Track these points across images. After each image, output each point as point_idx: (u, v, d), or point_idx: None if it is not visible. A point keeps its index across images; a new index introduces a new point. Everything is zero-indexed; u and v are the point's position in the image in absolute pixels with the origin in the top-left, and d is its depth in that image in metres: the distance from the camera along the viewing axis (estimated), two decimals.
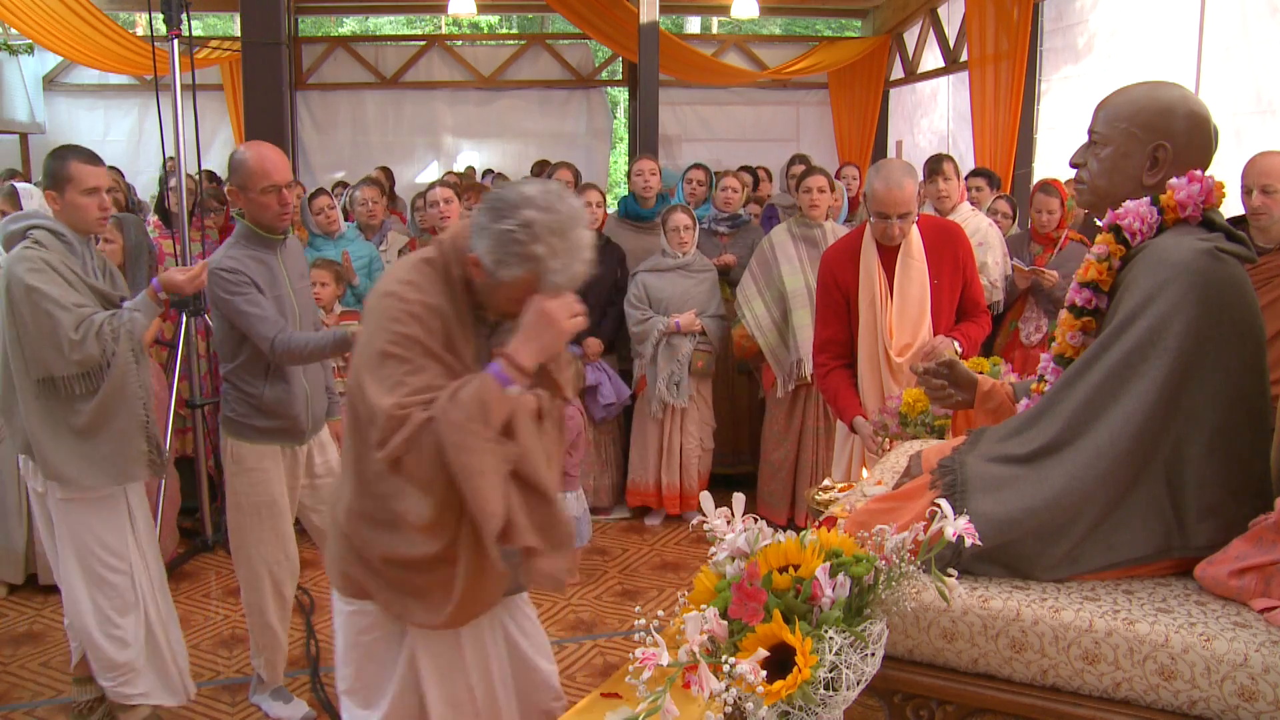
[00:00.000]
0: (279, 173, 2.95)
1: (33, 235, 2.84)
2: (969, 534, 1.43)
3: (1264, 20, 4.83)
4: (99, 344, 2.78)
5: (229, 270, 2.93)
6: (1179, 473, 1.57)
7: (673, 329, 4.88)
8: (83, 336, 2.76)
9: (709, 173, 5.73)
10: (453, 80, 9.72)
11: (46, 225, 2.87)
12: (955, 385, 2.19)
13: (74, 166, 2.85)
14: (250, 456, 3.09)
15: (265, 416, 3.06)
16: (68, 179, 2.85)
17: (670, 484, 5.09)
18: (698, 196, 5.58)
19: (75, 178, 2.85)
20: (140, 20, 10.77)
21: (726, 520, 1.50)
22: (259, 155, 2.95)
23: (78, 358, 2.76)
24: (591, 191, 5.09)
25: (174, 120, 4.50)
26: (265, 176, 2.93)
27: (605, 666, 3.66)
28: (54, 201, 2.88)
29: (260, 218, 3.00)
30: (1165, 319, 1.54)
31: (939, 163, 4.88)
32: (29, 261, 2.77)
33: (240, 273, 2.93)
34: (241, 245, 3.01)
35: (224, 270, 2.93)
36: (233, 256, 2.97)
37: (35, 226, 2.86)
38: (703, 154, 8.91)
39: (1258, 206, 3.15)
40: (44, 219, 2.89)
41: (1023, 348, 4.63)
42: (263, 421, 3.07)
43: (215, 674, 3.59)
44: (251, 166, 2.93)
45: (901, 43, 9.14)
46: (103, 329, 2.79)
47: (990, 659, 1.53)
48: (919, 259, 3.46)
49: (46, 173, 2.88)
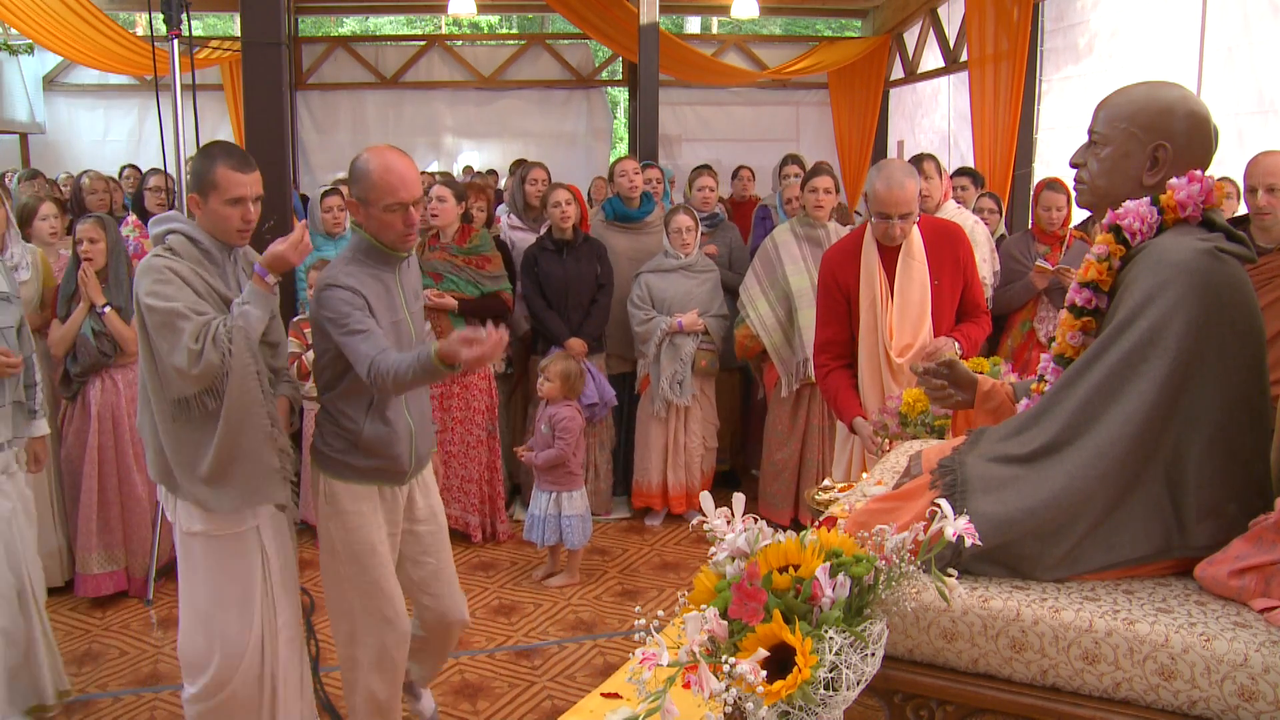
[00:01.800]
0: (406, 189, 2.59)
1: (167, 242, 2.61)
2: (969, 534, 1.43)
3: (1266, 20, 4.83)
4: (217, 350, 2.50)
5: (348, 290, 2.58)
6: (1179, 473, 1.57)
7: (675, 329, 4.89)
8: (201, 345, 2.49)
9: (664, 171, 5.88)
10: (453, 80, 9.73)
11: (185, 230, 2.63)
12: (955, 385, 2.19)
13: (221, 172, 2.58)
14: (345, 496, 2.72)
15: (364, 455, 2.71)
16: (212, 185, 2.59)
17: (676, 483, 5.09)
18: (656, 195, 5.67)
19: (220, 185, 2.58)
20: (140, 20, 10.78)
21: (726, 520, 1.50)
22: (384, 168, 2.59)
23: (197, 371, 2.48)
24: (559, 191, 5.08)
25: (174, 120, 4.50)
26: (391, 193, 2.58)
27: (605, 666, 3.66)
28: (197, 207, 2.63)
29: (383, 235, 2.65)
30: (1165, 319, 1.54)
31: (919, 161, 4.88)
32: (155, 272, 2.54)
33: (359, 294, 2.58)
34: (360, 261, 2.66)
35: (341, 288, 2.57)
36: (351, 274, 2.61)
37: (173, 231, 2.63)
38: (703, 154, 8.92)
39: (1262, 205, 3.15)
40: (184, 223, 2.66)
41: (1040, 347, 4.61)
42: (361, 460, 2.71)
43: None
44: (375, 180, 2.58)
45: (901, 43, 9.14)
46: (218, 332, 2.51)
47: (990, 659, 1.52)
48: (920, 259, 3.46)
49: (192, 174, 2.66)
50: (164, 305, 2.50)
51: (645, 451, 5.12)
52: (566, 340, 4.88)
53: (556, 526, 4.37)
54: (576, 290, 4.99)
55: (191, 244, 2.61)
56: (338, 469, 2.72)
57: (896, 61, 9.27)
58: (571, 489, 4.41)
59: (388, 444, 2.72)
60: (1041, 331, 4.67)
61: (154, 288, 2.51)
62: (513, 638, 3.91)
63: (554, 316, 4.97)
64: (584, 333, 4.95)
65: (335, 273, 2.62)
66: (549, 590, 4.36)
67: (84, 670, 3.63)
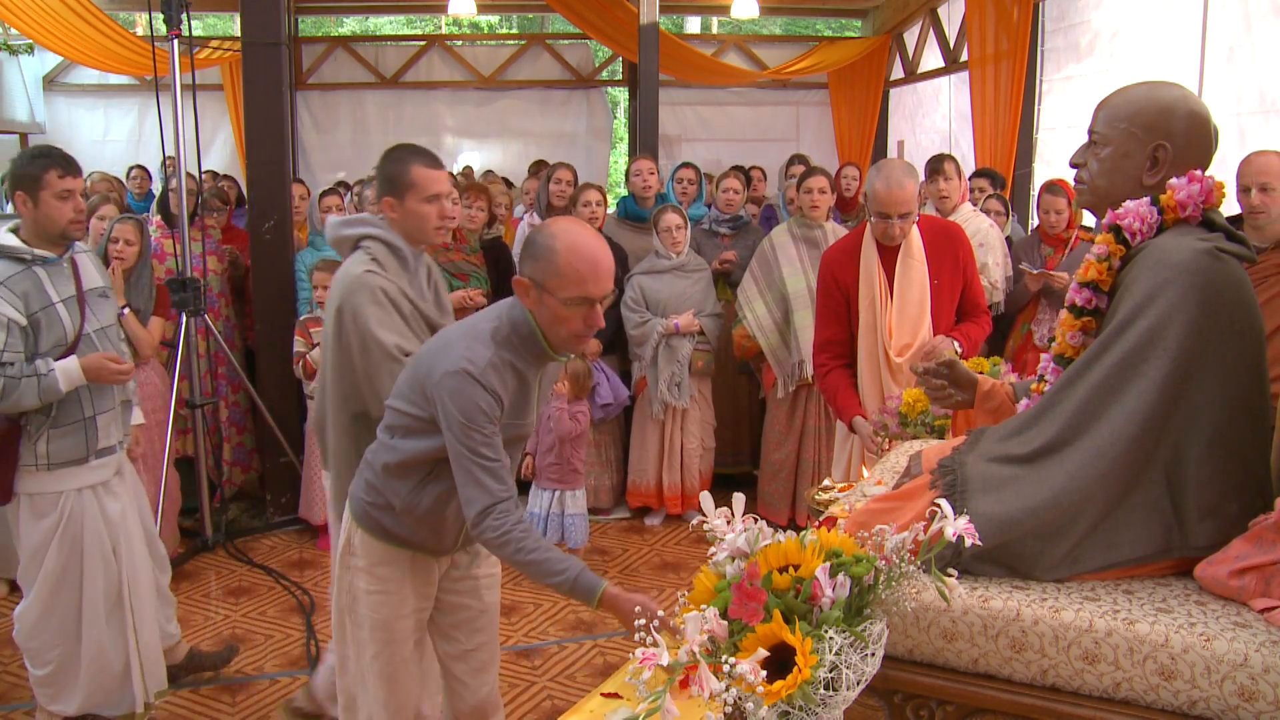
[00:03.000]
0: (597, 284, 2.09)
1: (368, 249, 2.57)
2: (969, 534, 1.43)
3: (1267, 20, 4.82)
4: None
5: (491, 393, 2.09)
6: (1179, 473, 1.57)
7: (672, 330, 4.88)
8: None
9: (699, 171, 5.75)
10: (453, 80, 9.72)
11: (382, 236, 2.59)
12: (955, 385, 2.19)
13: (416, 171, 2.57)
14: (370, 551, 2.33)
15: (400, 524, 2.30)
16: (409, 184, 2.56)
17: (672, 484, 5.09)
18: (689, 196, 5.59)
19: (418, 183, 2.57)
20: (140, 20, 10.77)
21: (726, 520, 1.50)
22: (575, 256, 2.07)
23: None
24: (590, 191, 5.09)
25: (174, 120, 4.50)
26: (580, 285, 2.08)
27: (605, 666, 3.66)
28: (392, 210, 2.59)
29: (553, 331, 2.14)
30: (1165, 319, 1.54)
31: (940, 162, 4.88)
32: (370, 292, 2.49)
33: (500, 400, 2.10)
34: (508, 349, 2.14)
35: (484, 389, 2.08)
36: (494, 364, 2.10)
37: (369, 237, 2.59)
38: (703, 154, 8.90)
39: (1256, 205, 3.15)
40: (378, 228, 2.61)
41: (1036, 349, 4.62)
42: (395, 525, 2.31)
43: (215, 674, 3.59)
44: (562, 267, 2.07)
45: (901, 43, 9.13)
46: None
47: (990, 659, 1.52)
48: (919, 259, 3.46)
49: (384, 177, 2.60)
50: (382, 338, 2.48)
51: (642, 452, 5.11)
52: None
53: (559, 525, 4.37)
54: None
55: (390, 252, 2.59)
56: (368, 523, 2.32)
57: (896, 61, 9.26)
58: (574, 488, 4.41)
59: (433, 528, 2.32)
60: (1037, 334, 4.68)
61: (377, 313, 2.50)
62: (513, 638, 3.91)
63: None
64: (600, 335, 4.95)
65: (478, 358, 2.08)
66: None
67: None
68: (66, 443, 2.92)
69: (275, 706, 3.40)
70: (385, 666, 2.35)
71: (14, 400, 2.77)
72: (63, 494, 2.95)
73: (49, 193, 2.83)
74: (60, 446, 2.91)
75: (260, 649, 3.82)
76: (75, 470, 2.95)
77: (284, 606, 4.18)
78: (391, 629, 2.34)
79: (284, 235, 5.01)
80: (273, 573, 4.50)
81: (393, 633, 2.35)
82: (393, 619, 2.34)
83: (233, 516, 5.15)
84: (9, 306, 2.76)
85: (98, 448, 2.99)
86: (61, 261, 2.94)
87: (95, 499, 3.01)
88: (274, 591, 4.33)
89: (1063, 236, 4.71)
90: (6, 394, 2.75)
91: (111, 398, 3.03)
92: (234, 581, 4.44)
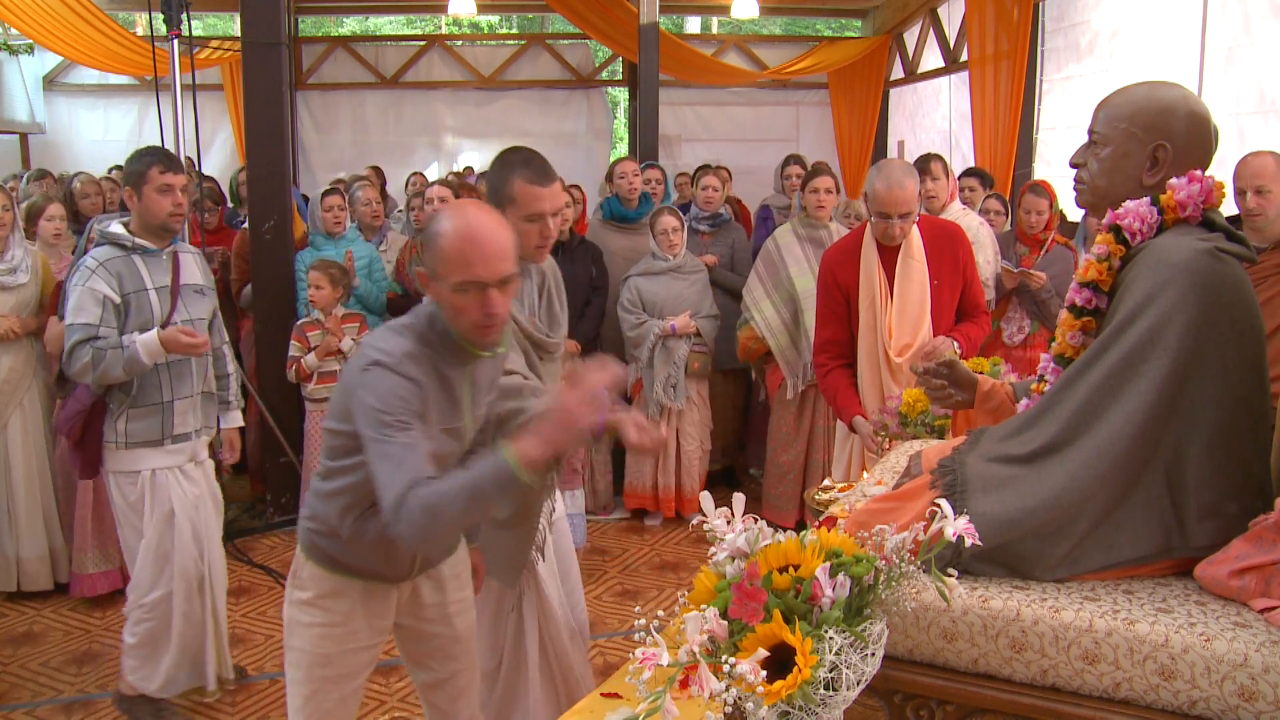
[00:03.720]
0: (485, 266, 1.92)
1: None
2: (969, 534, 1.43)
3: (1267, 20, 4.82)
4: None
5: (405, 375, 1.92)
6: (1179, 473, 1.57)
7: (668, 332, 4.88)
8: None
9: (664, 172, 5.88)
10: (453, 80, 9.72)
11: None
12: (955, 385, 2.19)
13: (518, 187, 2.42)
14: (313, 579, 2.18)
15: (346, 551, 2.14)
16: (510, 199, 2.43)
17: (666, 486, 5.09)
18: (657, 196, 5.70)
19: (518, 200, 2.43)
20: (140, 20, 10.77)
21: (726, 520, 1.49)
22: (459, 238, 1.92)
23: None
24: None
25: (174, 120, 4.50)
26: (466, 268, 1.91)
27: (605, 666, 3.66)
28: None
29: (456, 323, 1.98)
30: (1165, 319, 1.54)
31: (926, 162, 4.87)
32: None
33: (418, 381, 1.93)
34: (425, 345, 1.99)
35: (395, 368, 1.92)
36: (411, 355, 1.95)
37: None
38: (703, 154, 8.91)
39: (1252, 207, 3.15)
40: None
41: (1004, 348, 4.64)
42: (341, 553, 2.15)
43: None
44: (447, 250, 1.92)
45: (901, 43, 9.13)
46: None
47: (990, 659, 1.52)
48: (919, 259, 3.46)
49: (489, 184, 2.51)
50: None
51: (638, 455, 5.10)
52: None
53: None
54: (570, 290, 4.97)
55: None
56: (316, 554, 2.16)
57: (896, 61, 9.26)
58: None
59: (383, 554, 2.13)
60: (1006, 332, 4.68)
61: None
62: None
63: None
64: (578, 334, 4.95)
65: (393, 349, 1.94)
66: None
67: (84, 670, 3.63)
68: (144, 424, 3.12)
69: (275, 706, 3.40)
70: (316, 711, 2.15)
71: (102, 371, 2.98)
72: (140, 472, 3.13)
73: (151, 187, 3.06)
74: (138, 427, 3.11)
75: (260, 649, 3.82)
76: (151, 451, 3.14)
77: None
78: (334, 664, 2.15)
79: (284, 235, 5.01)
80: (273, 573, 4.50)
81: (335, 668, 2.15)
82: (339, 654, 2.15)
83: (233, 516, 5.15)
84: (105, 285, 3.01)
85: (173, 433, 3.17)
86: (162, 254, 3.16)
87: (174, 480, 3.18)
88: (274, 591, 4.33)
89: (1039, 237, 4.71)
90: (96, 365, 2.96)
91: (190, 385, 3.20)
92: (234, 581, 4.42)
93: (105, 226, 3.12)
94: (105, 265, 3.03)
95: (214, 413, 3.39)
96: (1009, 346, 4.64)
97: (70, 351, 2.98)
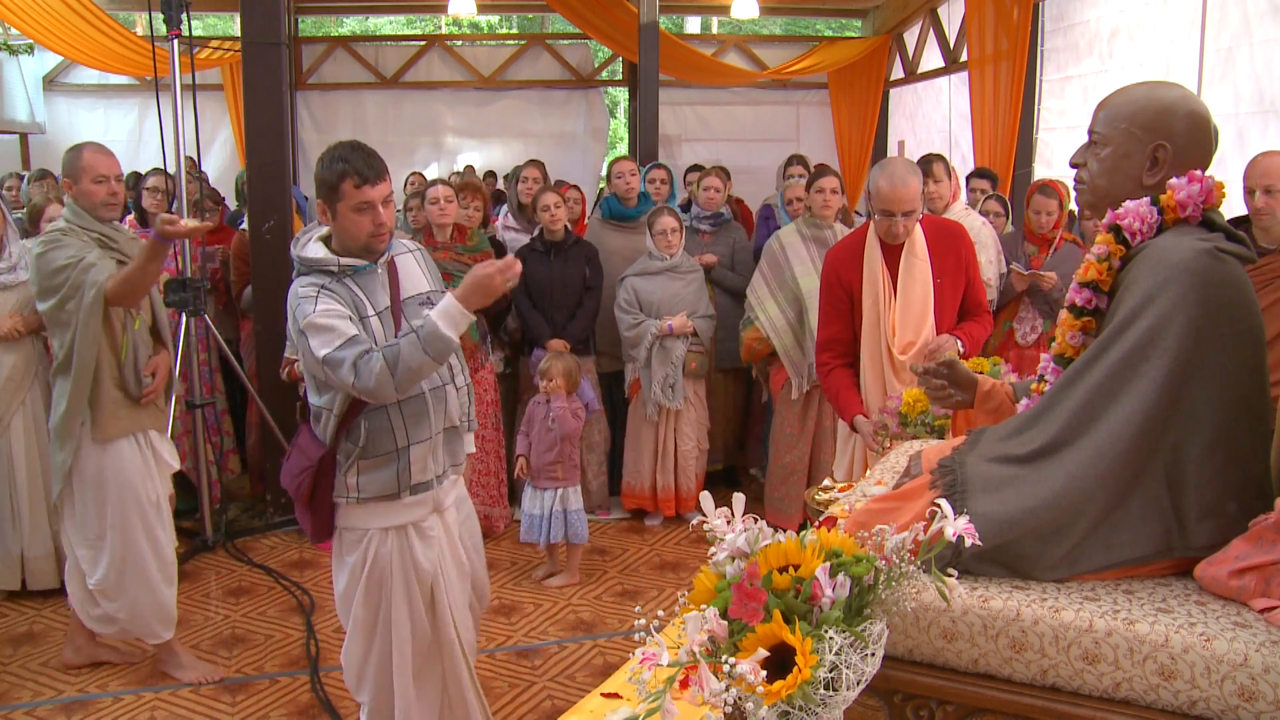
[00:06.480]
0: None
1: None
2: (969, 534, 1.42)
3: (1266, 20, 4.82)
4: None
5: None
6: (1179, 473, 1.56)
7: (665, 332, 4.88)
8: None
9: (670, 172, 5.86)
10: (453, 80, 9.72)
11: None
12: (955, 385, 2.18)
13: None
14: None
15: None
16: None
17: (665, 486, 5.09)
18: (661, 196, 5.69)
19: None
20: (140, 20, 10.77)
21: (726, 520, 1.49)
22: None
23: None
24: (547, 195, 5.05)
25: (174, 120, 4.50)
26: None
27: (605, 666, 3.66)
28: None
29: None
30: (1165, 319, 1.54)
31: (928, 163, 4.87)
32: None
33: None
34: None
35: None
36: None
37: None
38: (703, 154, 8.91)
39: (1261, 207, 3.15)
40: None
41: (1018, 348, 4.65)
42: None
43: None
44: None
45: (901, 43, 9.13)
46: None
47: (990, 659, 1.52)
48: (922, 257, 3.46)
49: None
50: None
51: (636, 454, 5.11)
52: (548, 340, 4.89)
53: (563, 523, 4.36)
54: (561, 292, 5.00)
55: None
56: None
57: (896, 61, 9.26)
58: (575, 484, 4.42)
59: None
60: (1019, 332, 4.69)
61: None
62: (513, 638, 3.91)
63: (537, 316, 4.99)
64: (568, 334, 4.96)
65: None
66: (549, 590, 4.36)
67: (84, 671, 3.63)
68: (378, 476, 2.58)
69: (276, 706, 3.40)
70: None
71: (405, 368, 2.39)
72: (369, 532, 2.62)
73: (345, 204, 2.51)
74: (370, 480, 2.58)
75: (260, 649, 3.82)
76: (387, 506, 2.61)
77: (284, 606, 4.18)
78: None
79: (284, 235, 5.01)
80: (273, 573, 4.51)
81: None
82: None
83: (233, 516, 5.15)
84: (340, 305, 2.49)
85: (411, 483, 2.61)
86: (376, 268, 2.59)
87: (405, 542, 2.65)
88: (274, 591, 4.33)
89: (1048, 237, 4.72)
90: (395, 365, 2.38)
91: (428, 426, 2.61)
92: (234, 581, 4.44)
93: None
94: (328, 289, 2.54)
95: (460, 447, 2.80)
96: (1022, 346, 4.65)
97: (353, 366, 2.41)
